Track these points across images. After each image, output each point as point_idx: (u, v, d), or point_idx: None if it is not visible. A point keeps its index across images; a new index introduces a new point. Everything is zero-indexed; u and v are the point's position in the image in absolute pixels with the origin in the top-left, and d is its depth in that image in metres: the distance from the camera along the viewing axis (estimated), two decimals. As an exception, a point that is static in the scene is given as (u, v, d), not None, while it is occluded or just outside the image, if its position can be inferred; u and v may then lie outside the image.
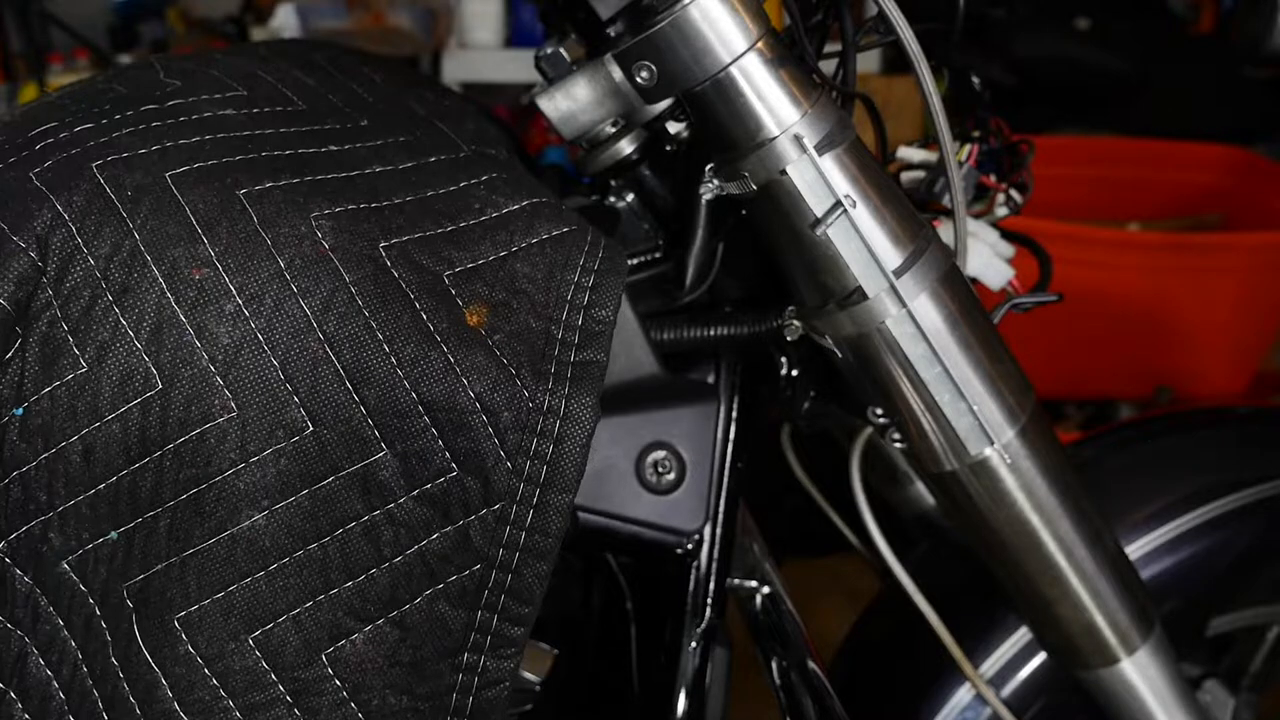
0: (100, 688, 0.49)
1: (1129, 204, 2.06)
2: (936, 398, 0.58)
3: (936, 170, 0.67)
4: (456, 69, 2.38)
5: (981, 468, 0.61)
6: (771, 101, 0.53)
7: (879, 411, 0.63)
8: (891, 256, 0.55)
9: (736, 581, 0.80)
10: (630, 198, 0.67)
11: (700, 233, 0.63)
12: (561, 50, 0.58)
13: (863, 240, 0.55)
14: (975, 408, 0.58)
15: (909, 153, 0.70)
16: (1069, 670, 0.73)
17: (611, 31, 0.55)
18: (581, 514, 0.60)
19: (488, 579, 0.51)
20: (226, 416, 0.47)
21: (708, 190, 0.58)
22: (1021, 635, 0.79)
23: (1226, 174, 2.06)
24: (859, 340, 0.58)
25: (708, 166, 0.58)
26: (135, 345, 0.46)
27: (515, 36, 2.42)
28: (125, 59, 2.69)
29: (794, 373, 0.71)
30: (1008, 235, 0.69)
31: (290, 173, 0.51)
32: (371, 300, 0.49)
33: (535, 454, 0.50)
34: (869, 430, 0.80)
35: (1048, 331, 1.56)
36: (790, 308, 0.62)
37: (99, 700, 0.49)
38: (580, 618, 0.81)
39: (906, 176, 0.69)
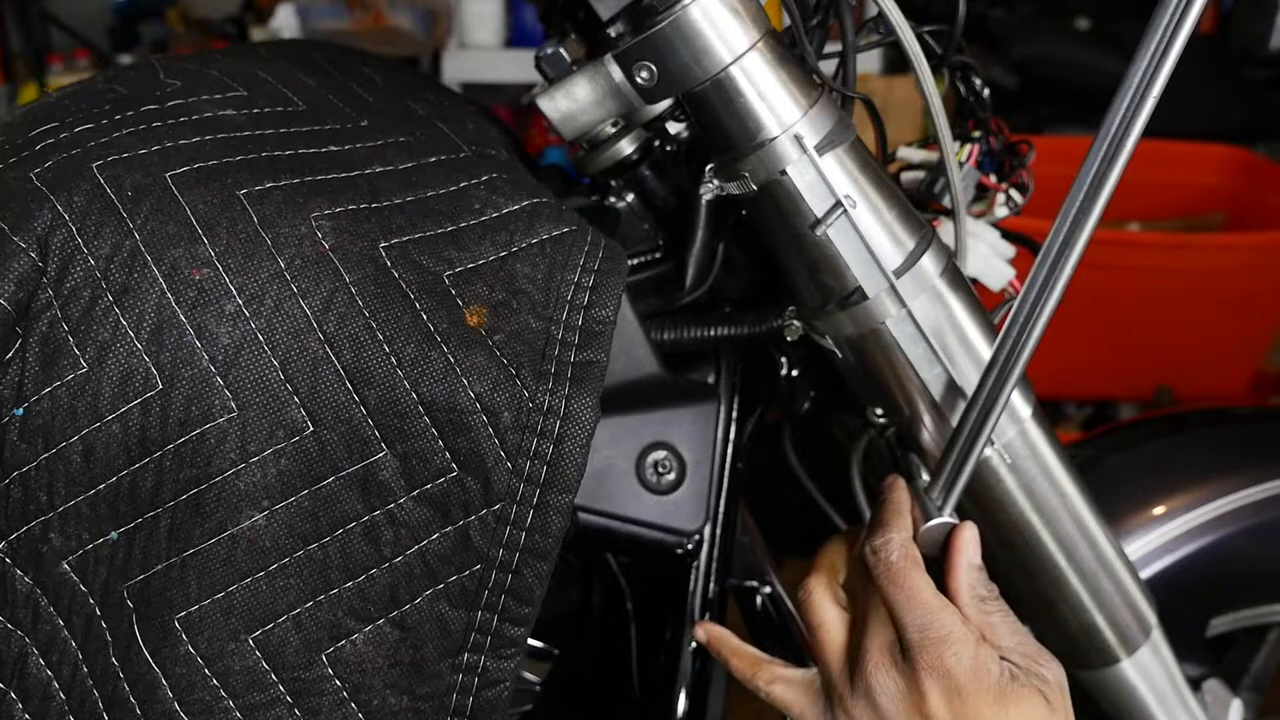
0: (100, 688, 0.49)
1: (1129, 204, 2.06)
2: (936, 398, 0.58)
3: (936, 170, 0.67)
4: (456, 69, 2.38)
5: (982, 468, 0.61)
6: (772, 101, 0.53)
7: (879, 411, 0.63)
8: (891, 256, 0.55)
9: (736, 581, 0.80)
10: (630, 198, 0.67)
11: (700, 233, 0.63)
12: (561, 50, 0.58)
13: (863, 240, 0.55)
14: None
15: (909, 153, 0.70)
16: (1069, 670, 0.73)
17: (611, 31, 0.54)
18: (581, 514, 0.60)
19: (488, 579, 0.51)
20: (227, 417, 0.47)
21: (708, 190, 0.58)
22: (1021, 635, 0.79)
23: (1226, 174, 2.06)
24: (859, 340, 0.58)
25: (708, 166, 0.58)
26: (135, 345, 0.46)
27: (515, 36, 2.42)
28: (125, 59, 2.69)
29: (794, 373, 0.71)
30: (1008, 235, 0.69)
31: (290, 173, 0.51)
32: (371, 300, 0.49)
33: (535, 454, 0.50)
34: (869, 430, 0.80)
35: (1048, 331, 1.56)
36: (790, 308, 0.62)
37: (99, 700, 0.49)
38: (580, 618, 0.81)
39: (906, 176, 0.69)
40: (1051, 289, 0.53)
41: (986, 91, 0.69)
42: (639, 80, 0.54)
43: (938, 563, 0.57)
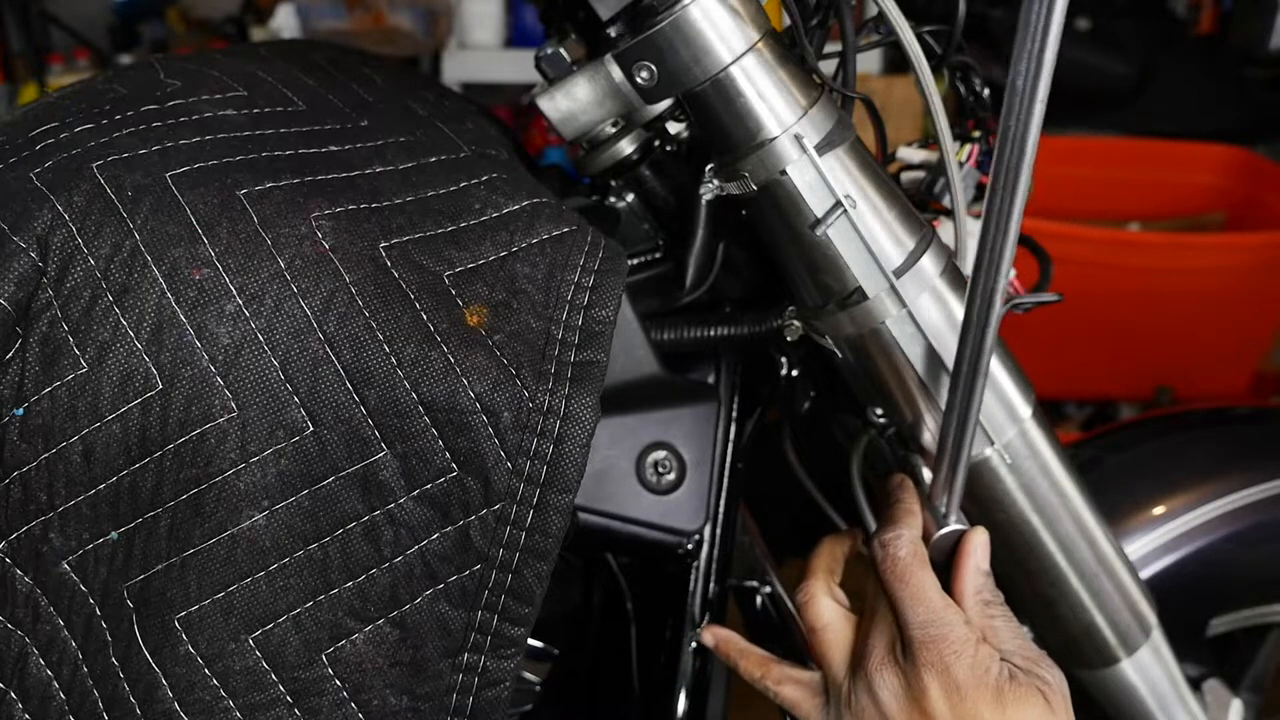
0: (100, 688, 0.49)
1: (1129, 204, 2.06)
2: (937, 397, 0.58)
3: (936, 170, 0.67)
4: (456, 69, 2.38)
5: (982, 468, 0.61)
6: (772, 101, 0.53)
7: (879, 411, 0.63)
8: (891, 257, 0.55)
9: (736, 581, 0.80)
10: (630, 198, 0.67)
11: (700, 233, 0.63)
12: (561, 50, 0.58)
13: (863, 240, 0.55)
14: (975, 408, 0.58)
15: (909, 153, 0.70)
16: (1069, 670, 0.73)
17: (611, 32, 0.54)
18: (582, 514, 0.60)
19: (488, 579, 0.51)
20: (227, 417, 0.47)
21: (708, 190, 0.58)
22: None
23: (1226, 174, 2.06)
24: (859, 340, 0.58)
25: (708, 166, 0.58)
26: (135, 345, 0.46)
27: (515, 36, 2.42)
28: (125, 59, 2.69)
29: (794, 373, 0.71)
30: (1008, 235, 0.69)
31: (290, 173, 0.51)
32: (372, 300, 0.49)
33: (535, 454, 0.50)
34: (869, 430, 0.80)
35: (1048, 331, 1.56)
36: (790, 308, 0.62)
37: (99, 700, 0.49)
38: (580, 618, 0.81)
39: (906, 176, 0.69)
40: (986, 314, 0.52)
41: (986, 91, 0.69)
42: (639, 80, 0.54)
43: (945, 568, 0.57)
